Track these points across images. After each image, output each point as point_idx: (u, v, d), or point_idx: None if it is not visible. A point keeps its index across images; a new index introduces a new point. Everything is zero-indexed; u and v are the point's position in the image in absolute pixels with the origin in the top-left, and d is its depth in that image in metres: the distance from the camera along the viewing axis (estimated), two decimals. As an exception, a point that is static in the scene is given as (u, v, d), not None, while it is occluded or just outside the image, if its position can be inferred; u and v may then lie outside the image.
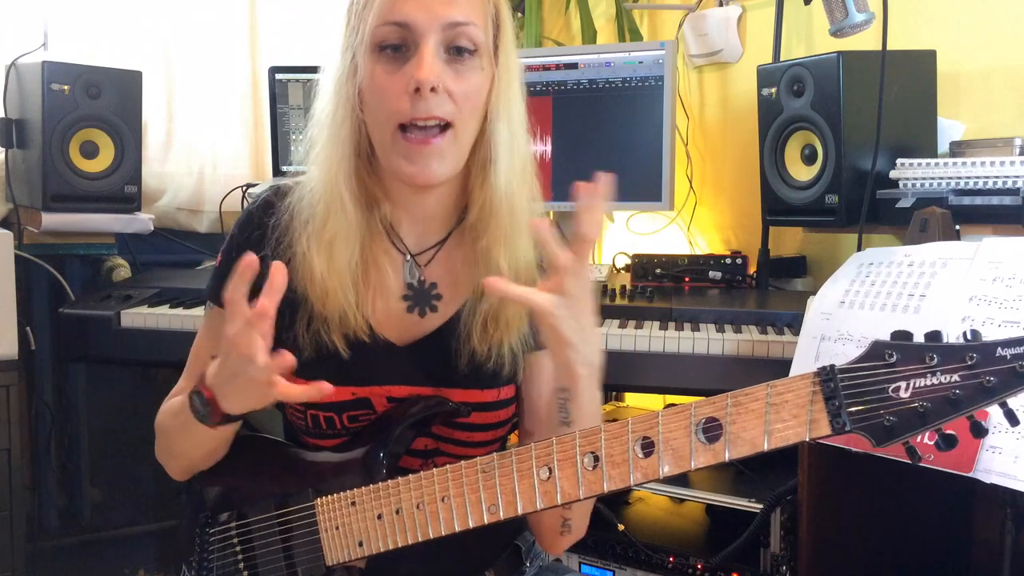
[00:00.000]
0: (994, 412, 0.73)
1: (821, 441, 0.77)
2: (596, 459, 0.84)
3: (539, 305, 0.88)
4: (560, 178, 2.03)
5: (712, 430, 0.79)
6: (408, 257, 1.06)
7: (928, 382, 0.72)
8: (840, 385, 0.74)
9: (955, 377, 0.71)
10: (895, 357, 0.73)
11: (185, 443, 1.05)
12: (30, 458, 2.15)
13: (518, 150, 1.03)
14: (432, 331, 1.05)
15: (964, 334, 0.73)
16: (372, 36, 0.95)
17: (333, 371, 1.00)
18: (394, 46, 0.95)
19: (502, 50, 1.00)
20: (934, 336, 0.74)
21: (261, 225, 1.05)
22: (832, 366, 0.75)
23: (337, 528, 0.97)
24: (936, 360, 0.72)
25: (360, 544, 0.95)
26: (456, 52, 0.96)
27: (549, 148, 2.01)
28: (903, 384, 0.73)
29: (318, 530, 0.98)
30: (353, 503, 0.96)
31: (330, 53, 1.01)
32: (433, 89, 0.93)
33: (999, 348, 0.71)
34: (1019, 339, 0.71)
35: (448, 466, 0.91)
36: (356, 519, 0.96)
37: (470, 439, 1.05)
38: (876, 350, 0.74)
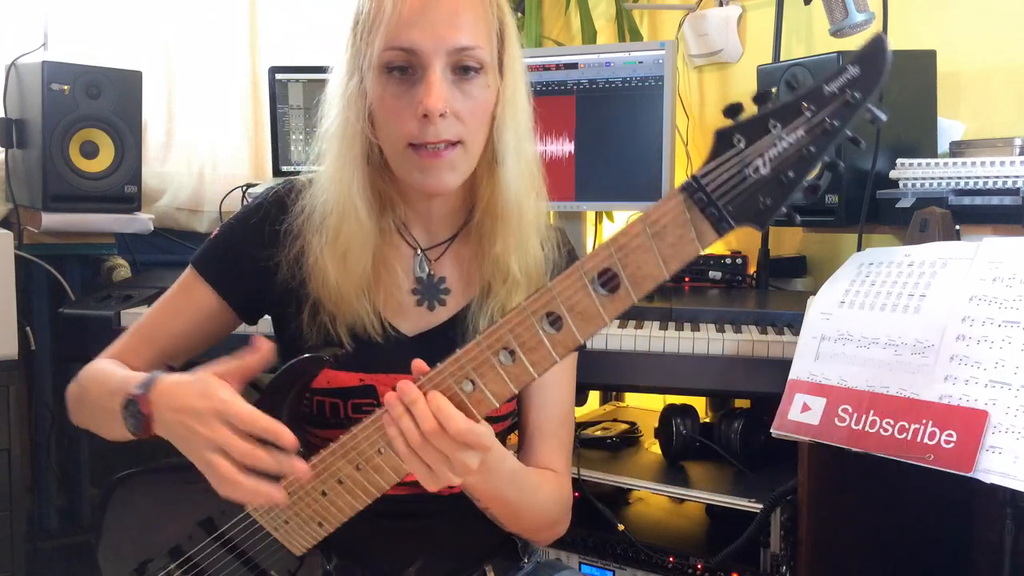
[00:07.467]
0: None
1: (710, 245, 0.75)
2: (511, 352, 0.82)
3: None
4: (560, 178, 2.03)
5: (609, 281, 0.78)
6: (419, 252, 1.08)
7: (780, 149, 0.71)
8: (708, 191, 0.73)
9: (800, 133, 0.71)
10: (743, 141, 0.72)
11: (101, 419, 1.05)
12: (30, 458, 2.15)
13: (524, 153, 1.05)
14: (440, 323, 1.07)
15: (787, 83, 0.71)
16: (379, 59, 0.96)
17: (341, 355, 1.01)
18: (401, 68, 0.96)
19: (507, 62, 1.01)
20: (763, 98, 0.73)
21: (271, 220, 1.06)
22: (693, 176, 0.74)
23: (287, 522, 0.95)
24: (779, 126, 0.71)
25: (320, 524, 0.94)
26: (463, 71, 0.97)
27: (572, 147, 2.00)
28: (759, 162, 0.72)
29: (268, 532, 0.97)
30: (290, 494, 0.93)
31: (336, 69, 1.03)
32: (442, 115, 0.94)
33: (824, 86, 0.71)
34: (837, 71, 0.71)
35: (366, 419, 0.89)
36: (302, 506, 0.93)
37: None
38: (722, 139, 0.73)
